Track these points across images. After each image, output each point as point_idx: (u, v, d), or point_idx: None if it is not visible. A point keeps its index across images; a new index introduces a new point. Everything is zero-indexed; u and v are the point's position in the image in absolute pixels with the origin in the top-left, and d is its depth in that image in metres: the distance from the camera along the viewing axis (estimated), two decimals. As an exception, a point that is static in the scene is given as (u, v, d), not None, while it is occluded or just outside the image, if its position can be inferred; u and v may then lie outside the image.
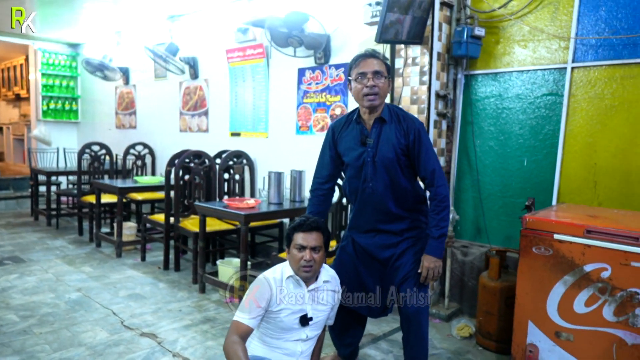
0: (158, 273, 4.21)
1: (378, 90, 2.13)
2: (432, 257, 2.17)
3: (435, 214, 2.16)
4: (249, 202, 3.64)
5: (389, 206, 2.23)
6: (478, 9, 3.28)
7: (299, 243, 1.95)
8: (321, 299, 2.09)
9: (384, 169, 2.19)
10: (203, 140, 5.30)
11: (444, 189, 2.16)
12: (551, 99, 3.06)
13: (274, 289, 1.95)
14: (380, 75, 2.14)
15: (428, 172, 2.16)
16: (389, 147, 2.17)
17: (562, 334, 2.25)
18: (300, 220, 2.00)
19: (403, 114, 2.22)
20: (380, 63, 2.16)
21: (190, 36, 5.39)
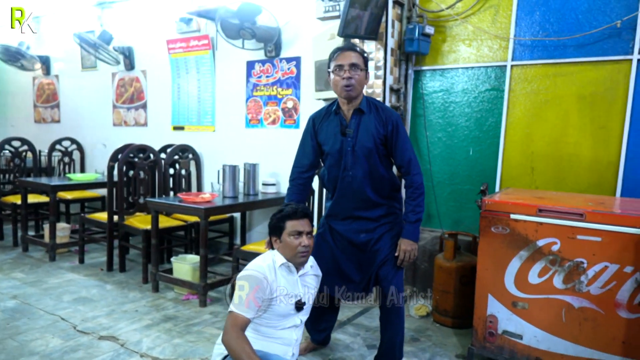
0: (102, 275, 3.97)
1: (354, 82, 2.21)
2: (408, 241, 2.31)
3: (412, 200, 2.30)
4: (205, 197, 3.57)
5: (367, 193, 2.32)
6: (426, 8, 3.50)
7: (296, 230, 1.97)
8: (309, 283, 2.15)
9: (364, 157, 2.28)
10: (141, 134, 5.06)
11: (419, 177, 2.30)
12: (493, 94, 3.35)
13: (270, 278, 1.95)
14: (357, 68, 2.22)
15: (405, 161, 2.29)
16: (368, 136, 2.26)
17: (518, 304, 2.50)
18: (291, 209, 2.02)
19: (381, 106, 2.33)
20: (358, 56, 2.25)
21: (124, 25, 5.10)
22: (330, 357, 2.67)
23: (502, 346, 2.55)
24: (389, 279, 2.34)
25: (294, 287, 2.03)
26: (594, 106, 3.01)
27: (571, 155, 3.10)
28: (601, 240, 2.26)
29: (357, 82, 2.22)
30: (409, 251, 2.30)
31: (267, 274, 1.94)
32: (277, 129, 4.17)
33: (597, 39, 2.96)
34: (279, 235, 2.03)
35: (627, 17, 2.84)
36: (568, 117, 3.10)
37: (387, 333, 2.42)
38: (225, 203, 3.58)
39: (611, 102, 2.95)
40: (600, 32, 2.94)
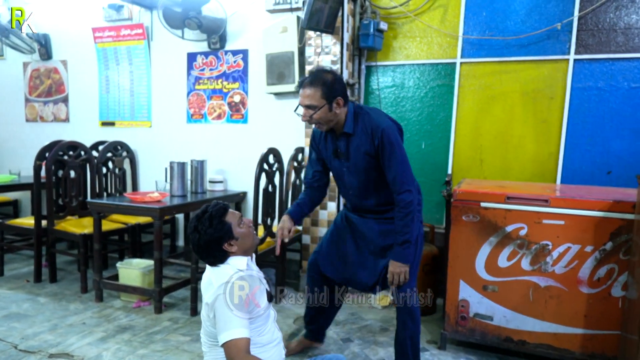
0: (29, 287, 3.50)
1: (314, 121, 2.12)
2: (396, 263, 2.18)
3: (399, 220, 2.15)
4: (153, 196, 3.30)
5: (373, 204, 2.29)
6: (379, 4, 3.56)
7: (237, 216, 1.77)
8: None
9: (362, 175, 2.22)
10: (63, 131, 4.56)
11: (407, 195, 2.13)
12: (444, 90, 3.50)
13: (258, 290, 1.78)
14: (313, 108, 2.09)
15: (390, 178, 2.15)
16: (361, 156, 2.17)
17: (488, 287, 2.64)
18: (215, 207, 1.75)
19: (368, 118, 2.16)
20: (312, 92, 2.08)
21: (37, 9, 4.54)
22: (309, 353, 2.61)
23: (474, 328, 2.67)
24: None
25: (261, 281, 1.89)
26: (536, 102, 3.27)
27: (516, 147, 3.35)
28: (564, 224, 2.45)
29: (318, 120, 2.11)
30: (397, 273, 2.17)
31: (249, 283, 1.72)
32: (223, 124, 3.99)
33: (539, 39, 3.22)
34: (231, 236, 1.74)
35: (565, 20, 3.12)
36: (513, 112, 3.34)
37: (401, 334, 2.34)
38: (177, 202, 3.35)
39: (551, 98, 3.23)
40: (541, 34, 3.20)
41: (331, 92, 2.08)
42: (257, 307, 1.72)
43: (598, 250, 2.41)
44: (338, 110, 2.13)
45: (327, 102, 2.08)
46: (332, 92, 2.09)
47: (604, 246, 2.40)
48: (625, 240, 2.36)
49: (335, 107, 2.11)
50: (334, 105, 2.10)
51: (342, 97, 2.12)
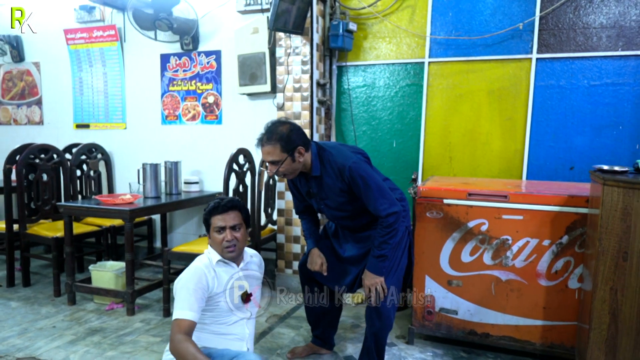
0: (2, 291, 3.50)
1: (282, 174, 2.16)
2: (370, 274, 2.22)
3: (379, 236, 2.18)
4: (125, 198, 3.31)
5: (358, 227, 2.36)
6: (348, 5, 3.60)
7: (217, 225, 1.92)
8: (253, 274, 2.10)
9: (342, 209, 2.26)
10: (37, 133, 4.54)
11: (390, 218, 2.14)
12: (413, 89, 3.56)
13: (209, 275, 1.89)
14: (276, 163, 2.11)
15: (372, 208, 2.17)
16: (335, 193, 2.21)
17: (453, 282, 2.71)
18: (215, 203, 1.95)
19: (333, 160, 2.18)
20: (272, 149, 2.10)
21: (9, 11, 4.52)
22: (278, 351, 2.65)
23: (440, 323, 2.74)
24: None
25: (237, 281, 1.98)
26: (501, 100, 3.35)
27: (484, 144, 3.42)
28: (523, 219, 2.52)
29: (285, 171, 2.15)
30: (372, 284, 2.22)
31: (206, 272, 1.87)
32: (198, 125, 4.01)
33: (503, 39, 3.29)
34: (208, 232, 1.96)
35: (527, 20, 3.20)
36: (480, 110, 3.41)
37: (367, 331, 2.38)
38: (149, 204, 3.36)
39: (516, 96, 3.31)
40: (504, 33, 3.27)
41: (289, 144, 2.09)
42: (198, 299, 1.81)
43: (555, 244, 2.49)
44: (301, 159, 2.15)
45: (289, 155, 2.10)
46: (290, 144, 2.09)
47: (561, 240, 2.48)
48: (580, 234, 2.44)
49: (297, 157, 2.13)
50: (295, 155, 2.12)
51: (302, 146, 2.13)
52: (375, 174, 2.24)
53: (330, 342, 2.66)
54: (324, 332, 2.63)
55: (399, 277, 2.35)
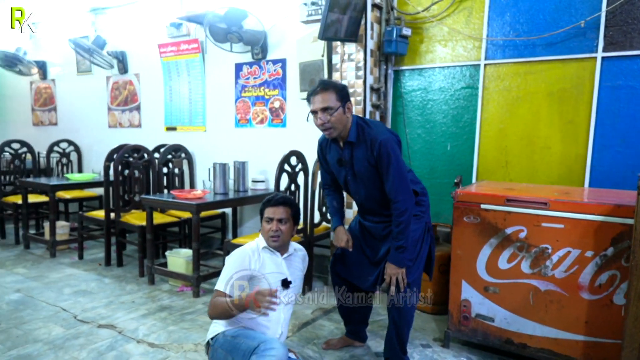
0: (100, 270, 4.14)
1: (330, 125, 2.23)
2: (392, 265, 2.30)
3: (395, 226, 2.26)
4: (196, 193, 3.73)
5: (379, 209, 2.40)
6: (404, 11, 3.66)
7: (267, 216, 2.20)
8: (295, 265, 2.34)
9: (366, 183, 2.34)
10: (136, 135, 5.22)
11: (401, 204, 2.22)
12: (468, 92, 3.52)
13: (253, 259, 2.15)
14: (329, 110, 2.20)
15: (387, 188, 2.25)
16: (363, 165, 2.29)
17: (489, 288, 2.68)
18: (269, 197, 2.25)
19: (369, 130, 2.27)
20: (328, 96, 2.20)
21: (117, 30, 5.26)
22: (315, 341, 2.84)
23: (476, 329, 2.72)
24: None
25: (279, 268, 2.22)
26: (562, 102, 3.18)
27: (542, 148, 3.27)
28: (564, 227, 2.42)
29: (334, 122, 2.23)
30: (393, 274, 2.30)
31: (250, 255, 2.15)
32: (265, 128, 4.34)
33: (564, 38, 3.13)
34: (261, 221, 2.24)
35: (591, 17, 3.01)
36: (539, 113, 3.27)
37: (389, 323, 2.49)
38: (216, 199, 3.75)
39: (578, 98, 3.12)
40: (566, 32, 3.11)
41: (343, 95, 2.25)
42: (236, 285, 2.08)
43: (599, 256, 2.36)
44: (349, 115, 2.28)
45: (342, 105, 2.23)
46: (343, 96, 2.25)
47: (605, 252, 2.34)
48: (628, 246, 2.28)
49: (347, 111, 2.26)
50: (346, 108, 2.25)
51: (350, 103, 2.29)
52: (402, 161, 2.30)
53: (362, 336, 2.79)
54: (355, 327, 2.76)
55: (418, 274, 2.42)
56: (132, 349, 2.68)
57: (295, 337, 2.89)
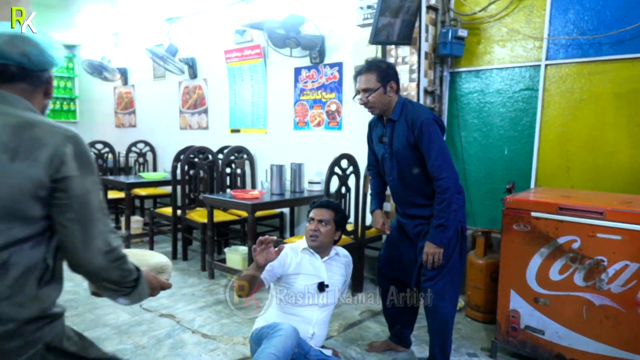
0: (167, 263, 4.46)
1: (370, 105, 2.33)
2: (430, 244, 2.30)
3: (437, 204, 2.26)
4: (253, 193, 3.92)
5: (410, 195, 2.40)
6: (461, 11, 3.59)
7: (310, 216, 2.33)
8: (335, 270, 2.40)
9: (401, 163, 2.35)
10: (204, 137, 5.55)
11: (444, 182, 2.22)
12: (528, 94, 3.38)
13: (290, 254, 2.27)
14: (369, 90, 2.30)
15: (429, 165, 2.26)
16: (402, 144, 2.31)
17: (540, 300, 2.57)
18: (316, 199, 2.38)
19: (412, 109, 2.32)
20: (369, 77, 2.29)
21: (188, 38, 5.62)
22: (359, 342, 2.89)
23: (525, 341, 2.63)
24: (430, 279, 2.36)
25: (317, 270, 2.30)
26: (631, 104, 2.97)
27: (608, 154, 3.07)
28: (621, 239, 2.28)
29: (373, 102, 2.31)
30: (431, 254, 2.30)
31: (289, 252, 2.27)
32: (322, 130, 4.44)
33: (634, 35, 2.91)
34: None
35: (664, 12, 2.78)
36: (604, 116, 3.07)
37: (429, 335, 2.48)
38: (272, 199, 3.91)
39: (649, 100, 2.90)
40: (636, 29, 2.89)
41: (385, 76, 2.30)
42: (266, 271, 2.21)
43: (660, 272, 2.20)
44: (391, 94, 2.33)
45: (382, 85, 2.29)
46: (386, 77, 2.30)
47: (668, 267, 2.18)
48: (694, 263, 2.11)
49: (389, 91, 2.31)
50: (387, 88, 2.31)
51: (395, 82, 2.32)
52: (444, 141, 2.30)
53: (407, 341, 2.79)
54: (399, 331, 2.76)
55: (452, 277, 2.37)
56: (187, 338, 2.89)
57: (340, 337, 2.96)
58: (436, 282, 2.35)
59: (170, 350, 2.76)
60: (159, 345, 2.80)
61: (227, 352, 2.74)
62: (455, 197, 2.26)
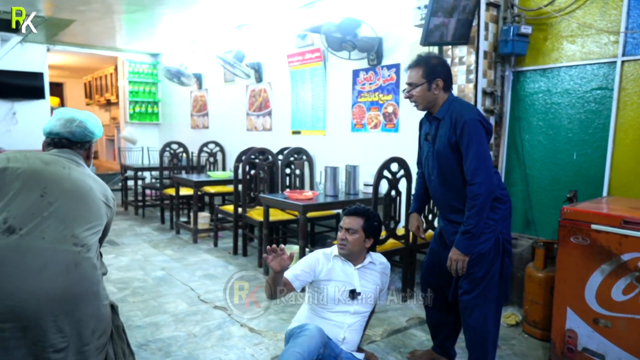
0: (228, 257, 4.67)
1: (414, 99, 2.31)
2: (456, 250, 2.21)
3: (467, 209, 2.16)
4: (307, 194, 3.97)
5: (448, 198, 2.31)
6: (526, 7, 3.36)
7: (340, 225, 2.32)
8: (370, 278, 2.37)
9: (441, 164, 2.28)
10: (267, 138, 5.72)
11: (477, 187, 2.12)
12: (601, 93, 3.09)
13: (321, 261, 2.28)
14: (413, 85, 2.27)
15: (465, 167, 2.17)
16: (443, 143, 2.24)
17: (600, 321, 2.35)
18: (348, 206, 2.36)
19: (458, 108, 2.22)
20: (416, 71, 2.27)
21: (255, 43, 5.81)
22: (401, 349, 2.83)
23: (582, 363, 2.42)
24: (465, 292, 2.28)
25: (349, 277, 2.29)
26: None
27: (694, 160, 2.72)
28: (695, 258, 2.02)
29: (416, 97, 2.28)
30: (454, 260, 2.21)
31: (320, 258, 2.29)
32: (379, 133, 4.38)
33: None
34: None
35: None
36: (690, 118, 2.72)
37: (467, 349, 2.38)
38: (326, 200, 3.93)
39: None
40: None
41: (431, 72, 2.24)
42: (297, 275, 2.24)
43: None
44: (437, 92, 2.26)
45: (427, 81, 2.24)
46: (432, 73, 2.24)
47: None
48: None
49: (434, 88, 2.25)
50: (433, 85, 2.24)
51: (442, 80, 2.25)
52: (487, 148, 2.18)
53: (449, 353, 2.67)
54: (442, 342, 2.65)
55: (490, 292, 2.23)
56: (234, 331, 3.01)
57: (383, 342, 2.91)
58: (472, 295, 2.24)
59: (218, 340, 2.89)
60: (209, 335, 2.95)
61: (270, 347, 2.81)
62: (488, 205, 2.14)
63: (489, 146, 2.22)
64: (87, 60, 9.22)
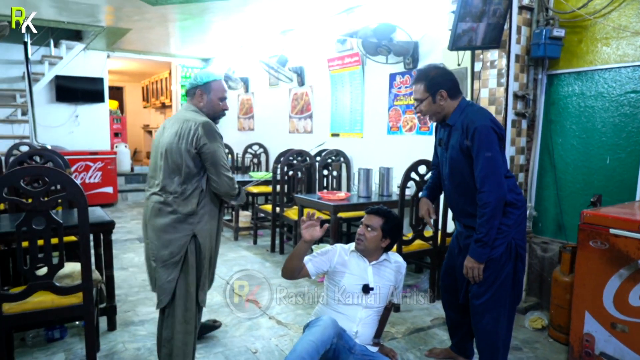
0: (266, 255, 4.90)
1: (424, 114, 2.35)
2: (470, 258, 2.24)
3: (478, 217, 2.18)
4: (340, 195, 4.11)
5: (462, 204, 2.36)
6: (560, 10, 3.34)
7: (361, 221, 2.43)
8: (384, 274, 2.48)
9: (454, 169, 2.31)
10: (308, 140, 5.92)
11: (485, 195, 2.13)
12: (635, 97, 3.02)
13: (339, 252, 2.43)
14: (419, 101, 2.32)
15: (475, 174, 2.19)
16: (455, 150, 2.27)
17: (617, 326, 2.33)
18: (372, 206, 2.51)
19: (470, 114, 2.23)
20: (418, 87, 2.31)
21: (298, 48, 6.04)
22: (421, 347, 2.91)
23: (600, 368, 2.41)
24: (474, 295, 2.32)
25: (362, 272, 2.41)
26: None
27: None
28: None
29: (424, 112, 2.33)
30: (469, 268, 2.25)
31: (339, 251, 2.43)
32: (413, 135, 4.45)
33: None
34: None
35: None
36: None
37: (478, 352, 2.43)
38: (359, 202, 4.06)
39: None
40: None
41: (433, 85, 2.27)
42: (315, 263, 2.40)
43: None
44: (442, 102, 2.28)
45: (430, 94, 2.28)
46: (434, 86, 2.27)
47: None
48: None
49: (439, 99, 2.27)
50: (437, 97, 2.27)
51: (445, 90, 2.26)
52: (499, 154, 2.19)
53: (467, 353, 2.72)
54: (459, 342, 2.72)
55: (500, 296, 2.26)
56: (263, 322, 3.21)
57: (404, 339, 3.00)
58: (482, 300, 2.29)
59: (246, 330, 3.10)
60: (239, 325, 3.16)
61: (294, 339, 2.98)
62: (499, 212, 2.15)
63: (502, 151, 2.24)
64: (144, 66, 9.85)
